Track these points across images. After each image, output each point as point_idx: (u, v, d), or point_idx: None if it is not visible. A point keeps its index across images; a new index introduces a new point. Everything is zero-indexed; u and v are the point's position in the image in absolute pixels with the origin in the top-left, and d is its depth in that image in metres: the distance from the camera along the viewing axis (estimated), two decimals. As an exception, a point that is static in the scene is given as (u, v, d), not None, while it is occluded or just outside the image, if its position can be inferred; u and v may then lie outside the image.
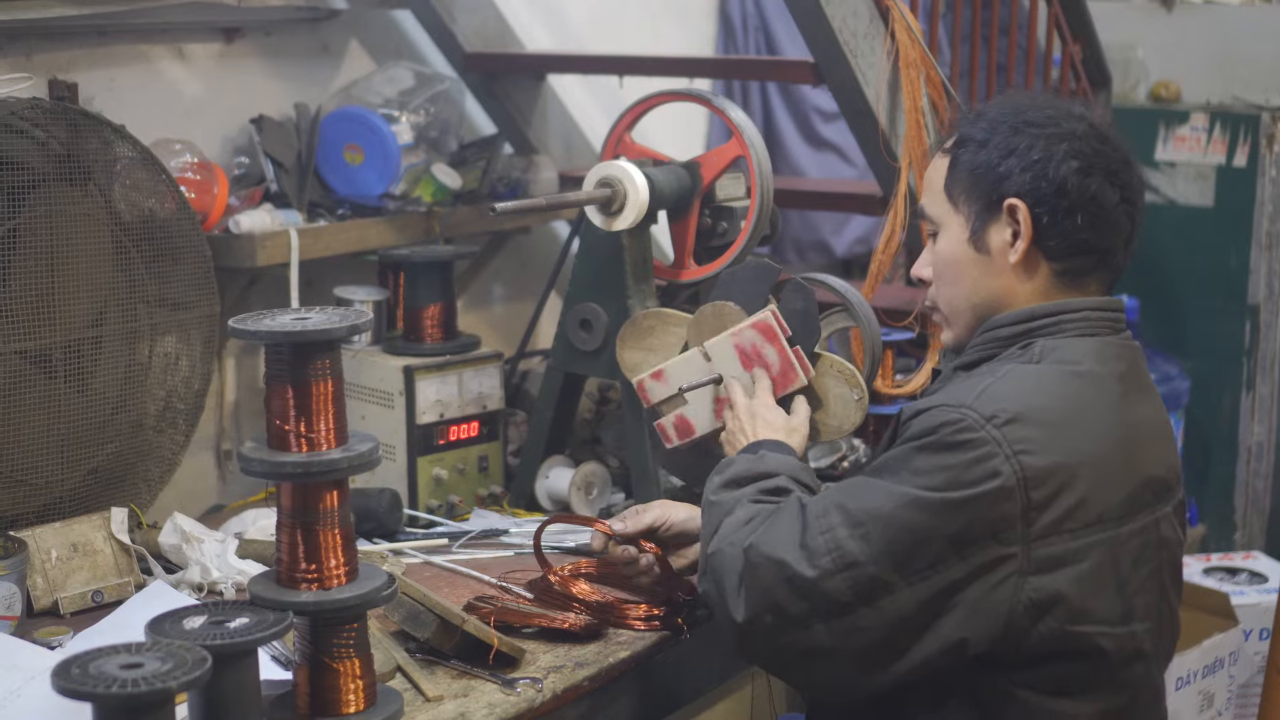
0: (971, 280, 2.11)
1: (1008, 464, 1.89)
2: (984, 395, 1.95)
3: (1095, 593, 1.94)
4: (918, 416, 1.98)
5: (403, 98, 3.25)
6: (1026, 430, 1.91)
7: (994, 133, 2.07)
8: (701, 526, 2.18)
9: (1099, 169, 2.05)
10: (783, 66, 3.78)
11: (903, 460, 1.95)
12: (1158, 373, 4.45)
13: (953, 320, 2.16)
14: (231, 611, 1.89)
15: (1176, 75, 4.76)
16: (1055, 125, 2.05)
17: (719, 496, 2.17)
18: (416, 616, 2.20)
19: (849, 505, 1.95)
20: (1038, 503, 1.90)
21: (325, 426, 1.94)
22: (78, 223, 2.54)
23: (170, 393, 2.75)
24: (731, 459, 2.27)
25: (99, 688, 1.59)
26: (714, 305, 2.57)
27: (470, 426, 2.92)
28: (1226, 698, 3.81)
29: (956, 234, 2.11)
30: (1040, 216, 2.04)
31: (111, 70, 2.91)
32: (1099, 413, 1.99)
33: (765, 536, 1.99)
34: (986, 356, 2.08)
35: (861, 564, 1.91)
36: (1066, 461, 1.92)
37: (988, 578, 1.90)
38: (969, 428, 1.91)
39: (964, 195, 2.10)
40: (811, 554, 1.93)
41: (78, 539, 2.44)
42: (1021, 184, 2.04)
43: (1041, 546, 1.90)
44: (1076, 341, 2.04)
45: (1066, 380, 1.99)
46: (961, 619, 1.90)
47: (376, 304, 3.03)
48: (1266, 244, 4.48)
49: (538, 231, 3.77)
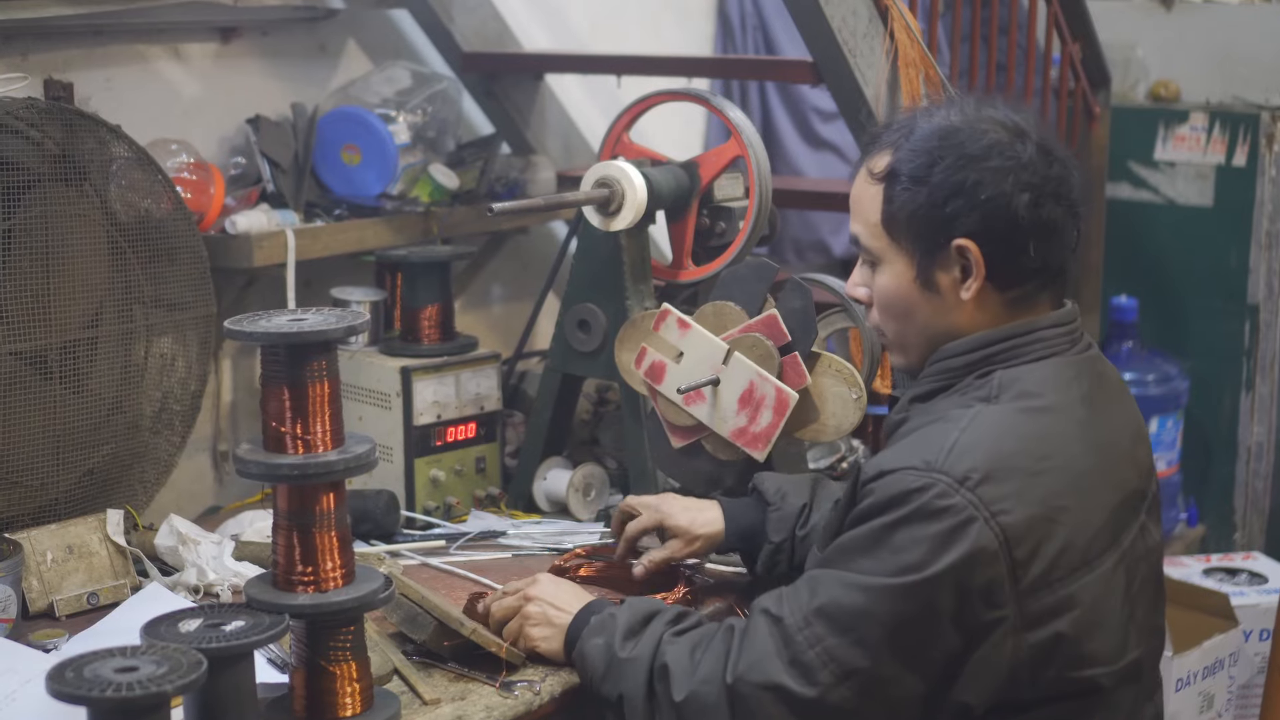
0: (923, 317, 2.01)
1: (987, 528, 1.82)
2: (952, 454, 1.85)
3: (1092, 633, 1.90)
4: (881, 479, 1.89)
5: (400, 98, 3.24)
6: (1000, 488, 1.83)
7: (932, 169, 1.94)
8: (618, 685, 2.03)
9: (1048, 195, 1.94)
10: (782, 66, 3.78)
11: (875, 539, 1.86)
12: (1157, 373, 4.45)
13: (905, 350, 2.08)
14: (227, 614, 1.89)
15: (1176, 75, 4.75)
16: (1000, 155, 1.92)
17: (629, 651, 2.03)
18: (414, 619, 2.20)
19: (830, 609, 1.87)
20: (1022, 560, 1.84)
21: (322, 428, 1.93)
22: (73, 223, 2.54)
23: (166, 394, 2.74)
24: (608, 615, 2.11)
25: (94, 691, 1.59)
26: (714, 305, 2.57)
27: (468, 428, 2.91)
28: (1226, 699, 3.80)
29: (901, 272, 2.00)
30: (992, 255, 1.94)
31: (108, 70, 2.91)
32: (1068, 449, 1.91)
33: (747, 665, 1.91)
34: (942, 387, 2.00)
35: (862, 669, 1.85)
36: (1044, 512, 1.86)
37: (985, 642, 1.85)
38: (943, 494, 1.83)
39: (905, 235, 1.98)
40: (807, 671, 1.87)
41: (73, 541, 2.43)
42: (971, 224, 1.93)
43: (1033, 601, 1.85)
44: (1034, 368, 1.96)
45: (1031, 420, 1.91)
46: (964, 685, 1.87)
47: (374, 305, 3.03)
48: (1266, 244, 4.47)
49: (536, 232, 3.76)
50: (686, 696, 1.95)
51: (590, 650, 2.09)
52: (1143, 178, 4.67)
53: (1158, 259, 4.67)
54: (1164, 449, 4.47)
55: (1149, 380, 4.44)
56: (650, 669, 2.00)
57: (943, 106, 2.04)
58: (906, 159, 1.97)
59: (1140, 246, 4.67)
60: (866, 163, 2.04)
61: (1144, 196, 4.68)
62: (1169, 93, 4.74)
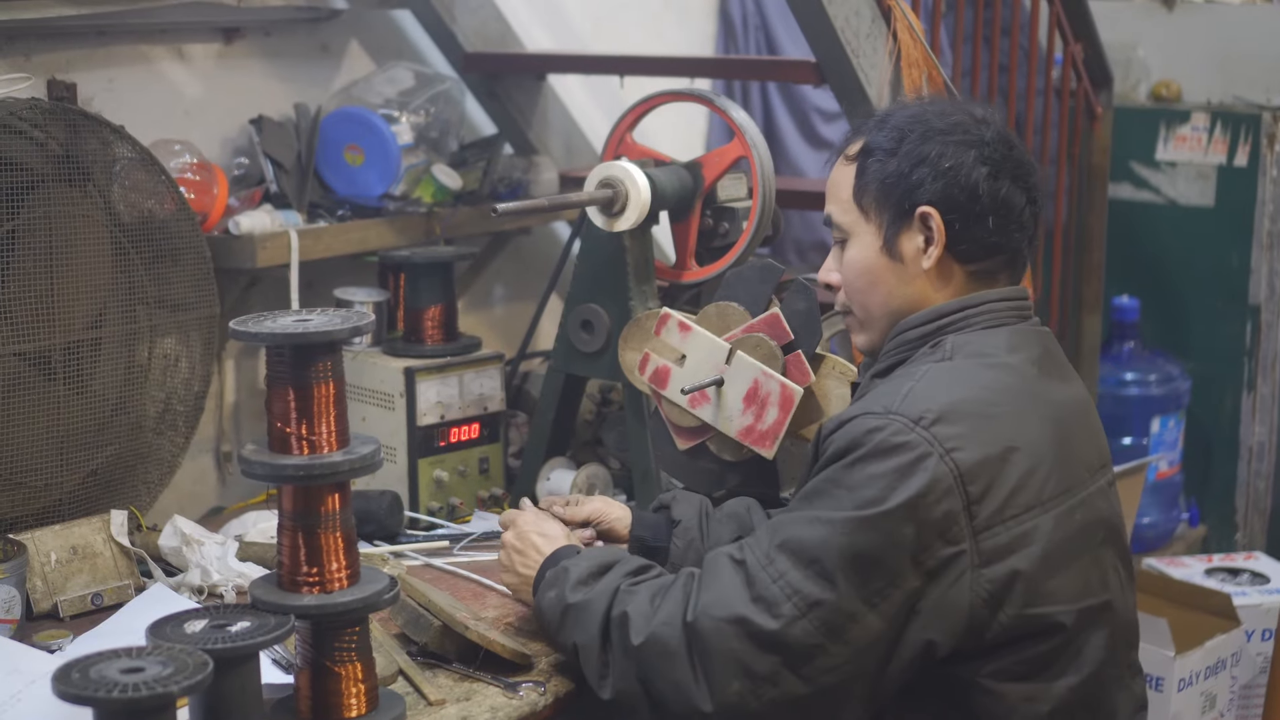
0: (887, 287, 2.12)
1: (941, 462, 1.90)
2: (908, 398, 1.95)
3: (1048, 572, 1.95)
4: (840, 429, 1.97)
5: (403, 98, 3.24)
6: (953, 428, 1.92)
7: (902, 141, 2.08)
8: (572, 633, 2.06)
9: (1007, 173, 2.07)
10: (784, 66, 3.78)
11: (834, 479, 1.94)
12: (1159, 373, 4.45)
13: (868, 325, 2.17)
14: (232, 615, 1.89)
15: (1177, 75, 4.76)
16: (964, 132, 2.07)
17: (581, 596, 2.06)
18: (417, 620, 2.19)
19: (793, 545, 1.92)
20: (976, 496, 1.91)
21: (326, 429, 1.93)
22: (77, 224, 2.54)
23: (170, 394, 2.74)
24: (561, 567, 2.13)
25: (100, 692, 1.59)
26: (718, 305, 2.57)
27: (471, 428, 2.91)
28: (1229, 699, 3.80)
29: (868, 242, 2.12)
30: (953, 223, 2.06)
31: (111, 70, 2.91)
32: (1019, 399, 2.00)
33: (709, 601, 1.94)
34: (899, 360, 2.09)
35: (825, 601, 1.89)
36: (996, 452, 1.93)
37: (943, 578, 1.90)
38: (898, 431, 1.91)
39: (874, 204, 2.11)
40: (770, 605, 1.90)
41: (77, 542, 2.43)
42: (934, 192, 2.05)
43: (988, 538, 1.91)
44: (985, 334, 2.06)
45: (982, 372, 2.01)
46: (925, 623, 1.91)
47: (377, 305, 3.03)
48: (1267, 244, 4.47)
49: (539, 232, 3.76)
50: (645, 640, 1.97)
51: (545, 605, 2.13)
52: (1144, 178, 4.67)
53: (1159, 259, 4.67)
54: (1165, 449, 4.47)
55: (1150, 380, 4.45)
56: (606, 616, 2.03)
57: (915, 101, 2.20)
58: (878, 137, 2.12)
59: (1142, 247, 4.67)
60: (843, 151, 2.19)
61: (1145, 197, 4.68)
62: (1170, 93, 4.74)
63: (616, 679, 2.02)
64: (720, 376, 2.52)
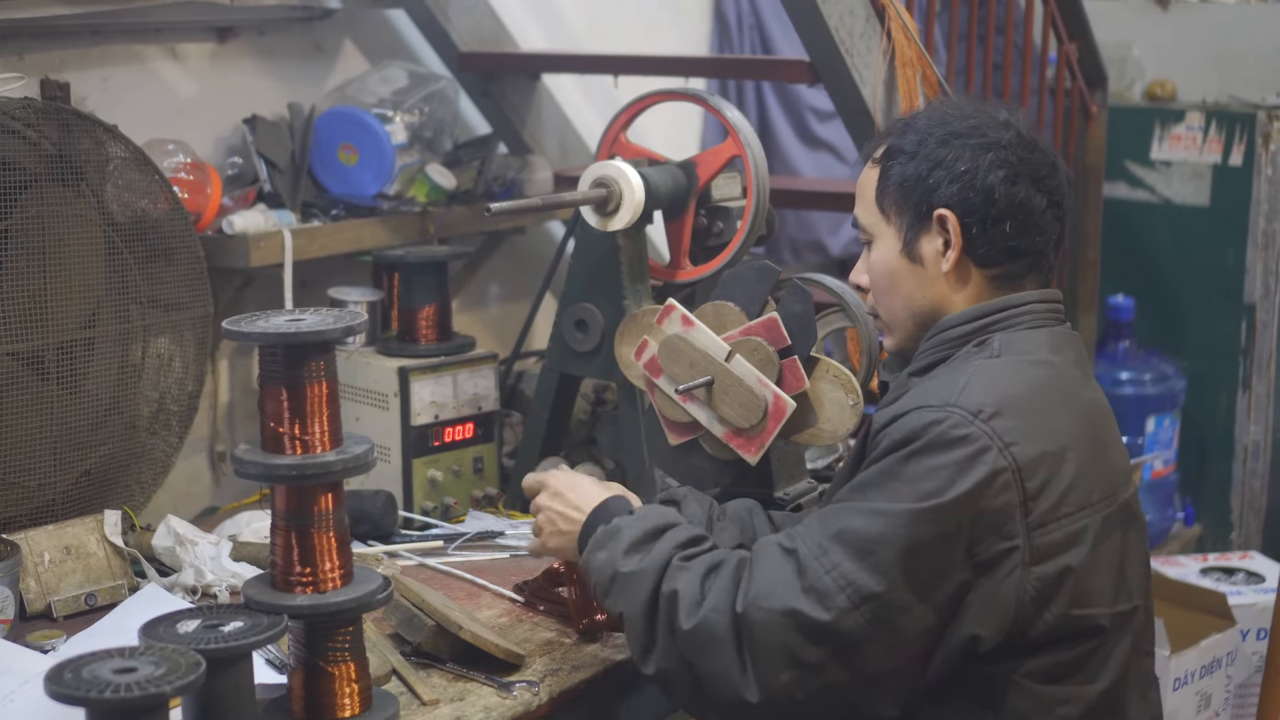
0: (907, 290, 2.13)
1: (1001, 456, 1.89)
2: (965, 391, 1.94)
3: (1095, 573, 1.96)
4: (895, 422, 1.96)
5: (397, 97, 3.24)
6: (1011, 422, 1.92)
7: (922, 145, 2.09)
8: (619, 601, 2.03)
9: (1025, 176, 2.06)
10: (778, 66, 3.78)
11: (891, 472, 1.92)
12: (1154, 372, 4.45)
13: (894, 327, 2.18)
14: (226, 615, 1.88)
15: (1172, 74, 4.76)
16: (981, 135, 2.07)
17: (633, 565, 2.02)
18: (411, 620, 2.19)
19: (847, 536, 1.90)
20: (1033, 492, 1.91)
21: (320, 429, 1.93)
22: (70, 223, 2.53)
23: (164, 394, 2.74)
24: (613, 527, 2.09)
25: (92, 692, 1.58)
26: (714, 305, 2.56)
27: (465, 428, 2.90)
28: (1224, 698, 3.80)
29: (890, 245, 2.13)
30: (970, 226, 2.06)
31: (104, 70, 2.90)
32: (1067, 398, 2.02)
33: (760, 591, 1.92)
34: (941, 358, 2.08)
35: (878, 594, 1.87)
36: (1052, 449, 1.94)
37: (995, 573, 1.89)
38: (959, 424, 1.90)
39: (894, 207, 2.12)
40: (822, 596, 1.88)
41: (71, 542, 2.42)
42: (950, 195, 2.06)
43: (1041, 535, 1.91)
44: (1029, 334, 2.07)
45: (1034, 369, 2.02)
46: (974, 617, 1.90)
47: (371, 305, 3.02)
48: (1262, 243, 4.47)
49: (533, 232, 3.76)
50: (695, 625, 1.94)
51: (595, 565, 2.09)
52: (1139, 177, 4.67)
53: (1154, 258, 4.67)
54: (1161, 448, 4.47)
55: (1146, 379, 4.45)
56: (655, 590, 2.00)
57: (941, 102, 2.21)
58: (903, 140, 2.13)
59: (1137, 246, 4.67)
60: (870, 154, 2.19)
61: (1140, 196, 4.68)
62: (1165, 92, 4.74)
63: (660, 657, 1.98)
64: (711, 377, 2.52)
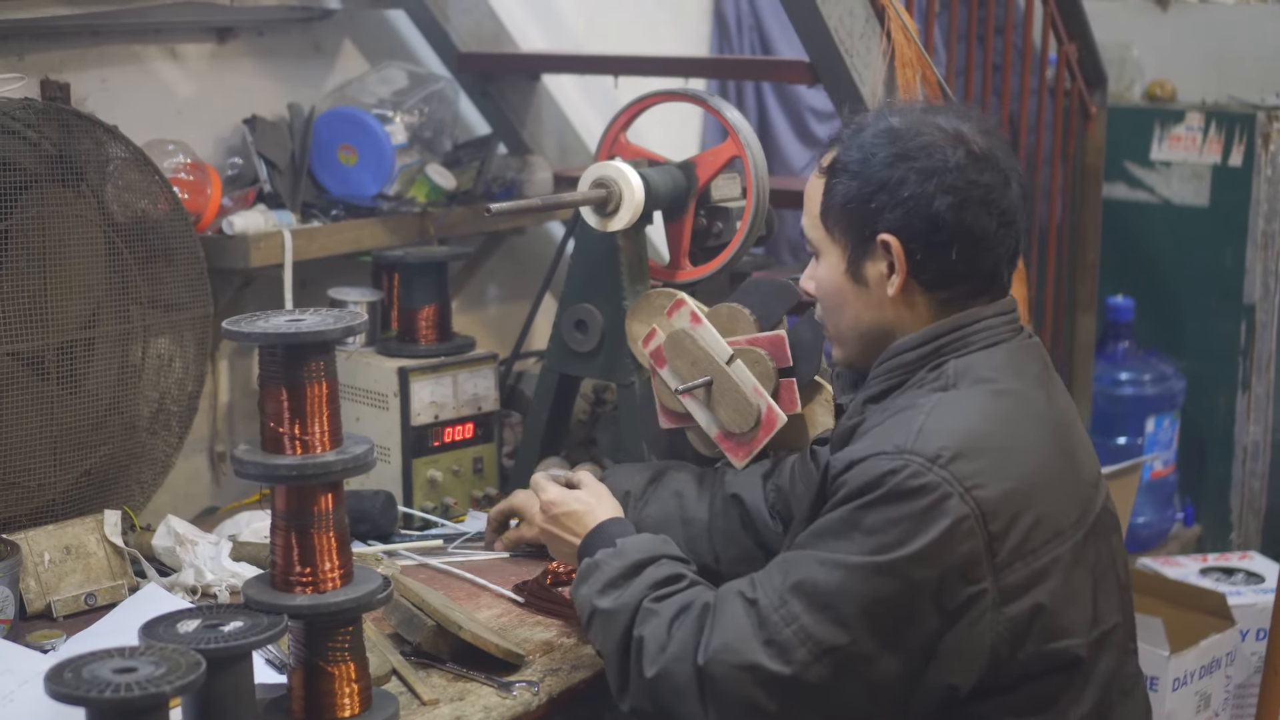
0: (854, 310, 2.06)
1: (963, 502, 1.83)
2: (921, 435, 1.87)
3: (1067, 605, 1.92)
4: (851, 469, 1.90)
5: (397, 98, 3.24)
6: (972, 464, 1.86)
7: (865, 164, 2.00)
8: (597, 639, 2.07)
9: (974, 200, 1.96)
10: (778, 66, 3.78)
11: (850, 521, 1.87)
12: (1153, 373, 4.46)
13: (840, 342, 2.12)
14: (226, 615, 1.88)
15: (1172, 74, 4.76)
16: (929, 156, 1.97)
17: (609, 603, 2.04)
18: (411, 620, 2.19)
19: (807, 588, 1.87)
20: (998, 533, 1.85)
21: (320, 429, 1.93)
22: (70, 224, 2.53)
23: (164, 394, 2.74)
24: (595, 561, 2.12)
25: (92, 692, 1.58)
26: (730, 307, 2.56)
27: (465, 428, 2.90)
28: (1224, 698, 3.81)
29: (835, 263, 2.06)
30: (914, 252, 1.98)
31: (104, 70, 2.90)
32: (1033, 428, 1.95)
33: (721, 645, 1.90)
34: (895, 384, 2.02)
35: (840, 646, 1.85)
36: (1017, 486, 1.88)
37: (964, 619, 1.85)
38: (916, 473, 1.84)
39: (839, 227, 2.04)
40: (781, 649, 1.86)
41: (71, 542, 2.42)
42: (893, 220, 1.97)
43: (1008, 575, 1.86)
44: (985, 355, 1.99)
45: (994, 401, 1.94)
46: (946, 665, 1.87)
47: (371, 305, 3.02)
48: (1262, 243, 4.47)
49: (532, 232, 3.76)
50: (658, 673, 1.95)
51: (577, 599, 2.13)
52: (1139, 178, 4.67)
53: (1154, 259, 4.67)
54: (1160, 448, 4.47)
55: (1145, 380, 4.45)
56: (627, 632, 2.01)
57: (893, 110, 2.08)
58: (847, 154, 2.03)
59: (1136, 246, 4.67)
60: (820, 159, 2.10)
61: (1140, 196, 4.68)
62: (1165, 92, 4.75)
63: (633, 697, 2.00)
64: (710, 378, 2.52)
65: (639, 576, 2.07)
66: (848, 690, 1.86)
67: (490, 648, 2.16)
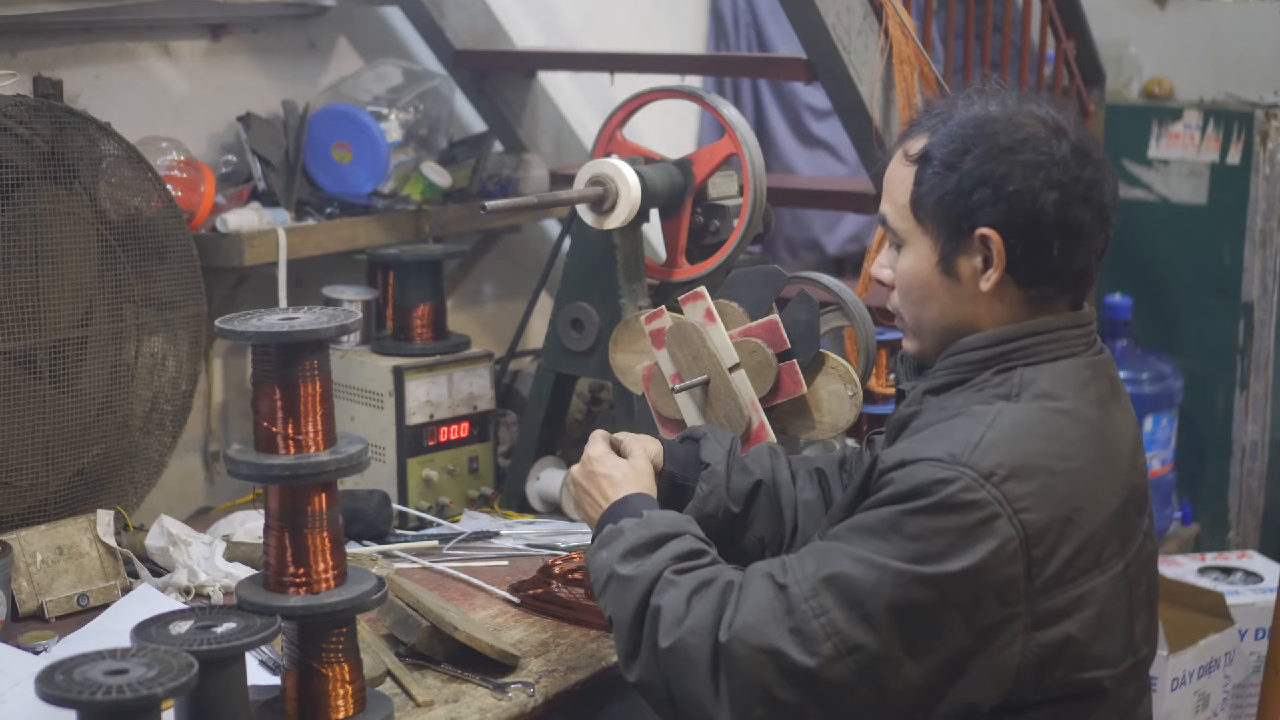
0: (941, 304, 2.00)
1: (1010, 524, 1.80)
2: (979, 449, 1.83)
3: (1100, 635, 1.88)
4: (902, 469, 1.85)
5: (392, 95, 3.23)
6: (1024, 486, 1.82)
7: (964, 155, 1.93)
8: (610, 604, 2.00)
9: (1077, 196, 1.93)
10: (775, 63, 3.77)
11: (892, 523, 1.82)
12: (1151, 371, 4.44)
13: (918, 335, 2.06)
14: (219, 616, 1.87)
15: (1170, 72, 4.75)
16: (1034, 150, 1.92)
17: (629, 570, 1.98)
18: (405, 621, 2.18)
19: (841, 582, 1.83)
20: (1039, 558, 1.82)
21: (313, 428, 1.92)
22: (63, 221, 2.52)
23: (157, 394, 2.72)
24: (619, 528, 2.06)
25: (84, 694, 1.58)
26: (718, 303, 2.55)
27: (460, 427, 2.89)
28: (1222, 698, 3.80)
29: (924, 255, 1.99)
30: (1014, 247, 1.93)
31: (97, 67, 2.89)
32: (1085, 452, 1.91)
33: (744, 625, 1.86)
34: (958, 380, 1.98)
35: (866, 647, 1.81)
36: (1063, 513, 1.84)
37: (995, 640, 1.82)
38: (968, 488, 1.80)
39: (931, 219, 1.97)
40: (807, 640, 1.82)
41: (63, 542, 2.41)
42: (995, 215, 1.91)
43: (1044, 601, 1.83)
44: (1052, 368, 1.95)
45: (1053, 420, 1.90)
46: (970, 684, 1.83)
47: (365, 303, 3.01)
48: (1260, 241, 4.46)
49: (528, 230, 3.75)
50: (672, 644, 1.90)
51: (594, 564, 2.06)
52: (1137, 175, 4.66)
53: (1152, 257, 4.66)
54: (1158, 447, 4.46)
55: (1143, 379, 4.44)
56: (644, 601, 1.96)
57: (984, 95, 2.02)
58: (941, 143, 1.97)
59: (1134, 244, 4.66)
60: (903, 145, 2.03)
61: (1138, 194, 4.67)
62: (1163, 90, 4.74)
63: (642, 668, 1.96)
64: (706, 377, 2.51)
65: (663, 548, 2.01)
66: (862, 693, 1.83)
67: (485, 649, 2.15)
